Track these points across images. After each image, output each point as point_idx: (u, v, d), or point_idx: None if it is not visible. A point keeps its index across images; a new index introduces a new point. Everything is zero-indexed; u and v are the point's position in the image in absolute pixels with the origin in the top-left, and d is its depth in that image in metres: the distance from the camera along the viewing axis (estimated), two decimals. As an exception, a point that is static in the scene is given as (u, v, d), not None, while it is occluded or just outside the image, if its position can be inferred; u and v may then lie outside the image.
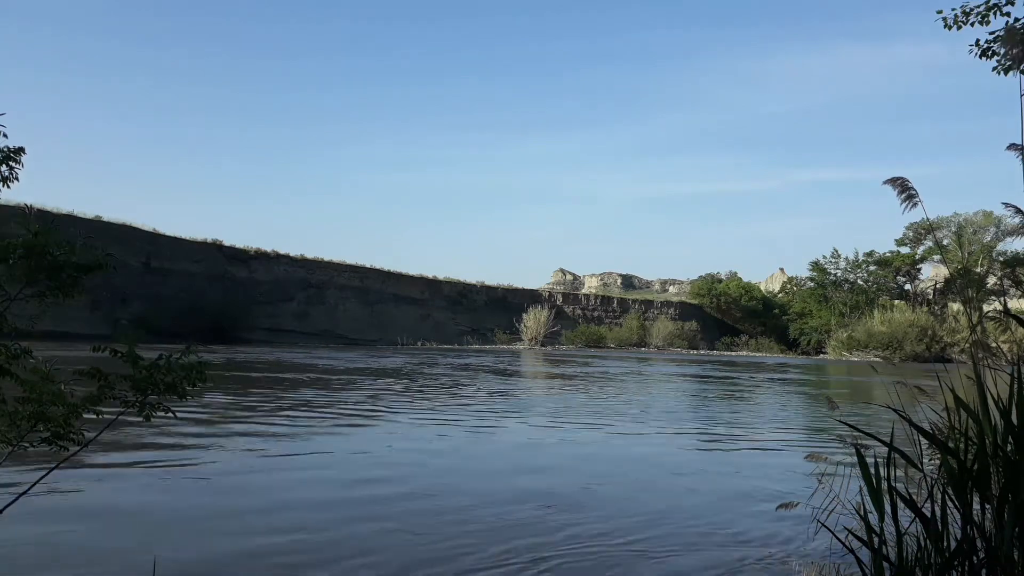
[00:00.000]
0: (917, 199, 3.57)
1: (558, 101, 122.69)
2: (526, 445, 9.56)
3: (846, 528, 3.32)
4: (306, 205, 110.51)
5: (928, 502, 3.10)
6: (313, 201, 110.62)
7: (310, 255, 54.45)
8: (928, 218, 4.87)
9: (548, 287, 75.45)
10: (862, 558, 3.14)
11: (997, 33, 6.87)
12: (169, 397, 2.93)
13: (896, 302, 63.76)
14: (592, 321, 69.08)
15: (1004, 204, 3.80)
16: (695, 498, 6.62)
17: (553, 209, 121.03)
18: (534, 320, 60.54)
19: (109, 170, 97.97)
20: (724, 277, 79.20)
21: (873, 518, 3.16)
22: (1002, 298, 55.50)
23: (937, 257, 61.42)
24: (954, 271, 46.92)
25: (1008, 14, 7.04)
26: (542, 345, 59.19)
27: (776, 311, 75.11)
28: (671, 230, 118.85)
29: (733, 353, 62.61)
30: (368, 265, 58.14)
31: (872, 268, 68.65)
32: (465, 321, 61.58)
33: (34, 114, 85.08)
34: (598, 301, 72.14)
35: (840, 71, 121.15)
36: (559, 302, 69.01)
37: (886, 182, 3.63)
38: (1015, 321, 3.36)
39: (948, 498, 3.07)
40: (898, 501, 3.14)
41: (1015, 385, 2.98)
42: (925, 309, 61.10)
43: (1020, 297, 50.06)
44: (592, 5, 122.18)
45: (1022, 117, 3.42)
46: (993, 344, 4.53)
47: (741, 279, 79.02)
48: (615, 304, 72.24)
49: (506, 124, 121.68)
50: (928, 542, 3.05)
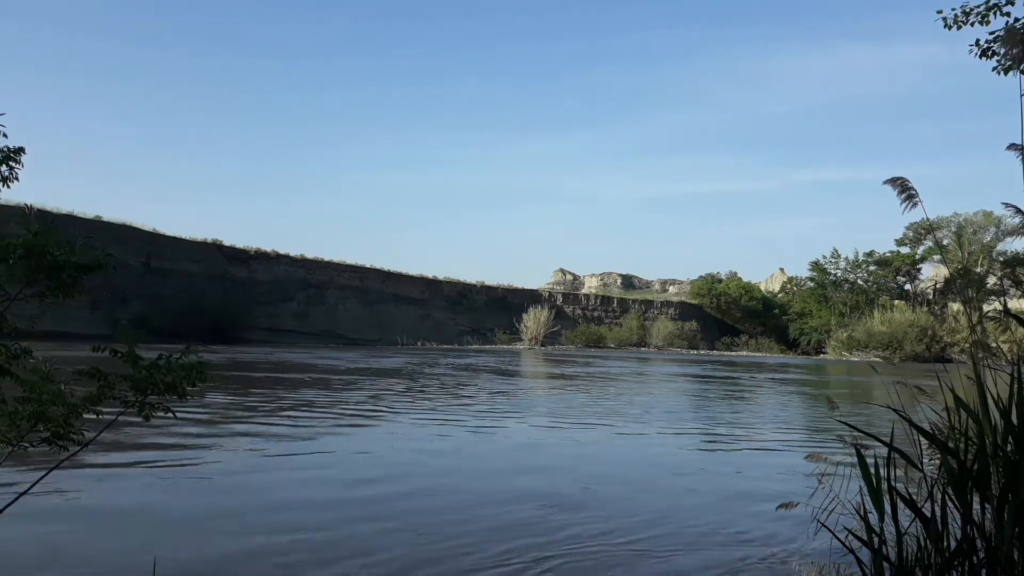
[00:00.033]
0: (917, 199, 3.57)
1: (558, 101, 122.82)
2: (527, 445, 9.57)
3: (846, 528, 3.31)
4: (306, 205, 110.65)
5: (928, 502, 3.10)
6: (313, 201, 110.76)
7: (310, 255, 54.53)
8: (928, 218, 4.86)
9: (548, 287, 75.44)
10: (862, 558, 3.14)
11: (997, 33, 6.86)
12: (169, 397, 2.93)
13: (896, 302, 63.75)
14: (592, 321, 69.08)
15: (1004, 204, 3.80)
16: (696, 498, 6.63)
17: (553, 209, 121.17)
18: (534, 320, 60.54)
19: (109, 170, 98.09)
20: (724, 277, 79.18)
21: (873, 518, 3.16)
22: (1002, 298, 55.48)
23: (937, 257, 61.43)
24: (954, 271, 46.91)
25: (1008, 14, 7.04)
26: (542, 345, 59.19)
27: (776, 311, 75.10)
28: (671, 230, 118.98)
29: (733, 353, 62.61)
30: (368, 265, 58.21)
31: (872, 268, 68.64)
32: (465, 321, 61.58)
33: (34, 114, 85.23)
34: (598, 301, 72.14)
35: (840, 71, 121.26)
36: (559, 302, 69.01)
37: (886, 182, 3.62)
38: (1015, 321, 3.36)
39: (948, 498, 3.07)
40: (898, 501, 3.14)
41: (1015, 385, 2.98)
42: (925, 309, 61.09)
43: (1020, 297, 49.99)
44: (592, 5, 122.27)
45: (1022, 117, 3.42)
46: (993, 344, 4.53)
47: (741, 279, 79.01)
48: (615, 304, 72.23)
49: (506, 124, 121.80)
50: (928, 542, 3.04)
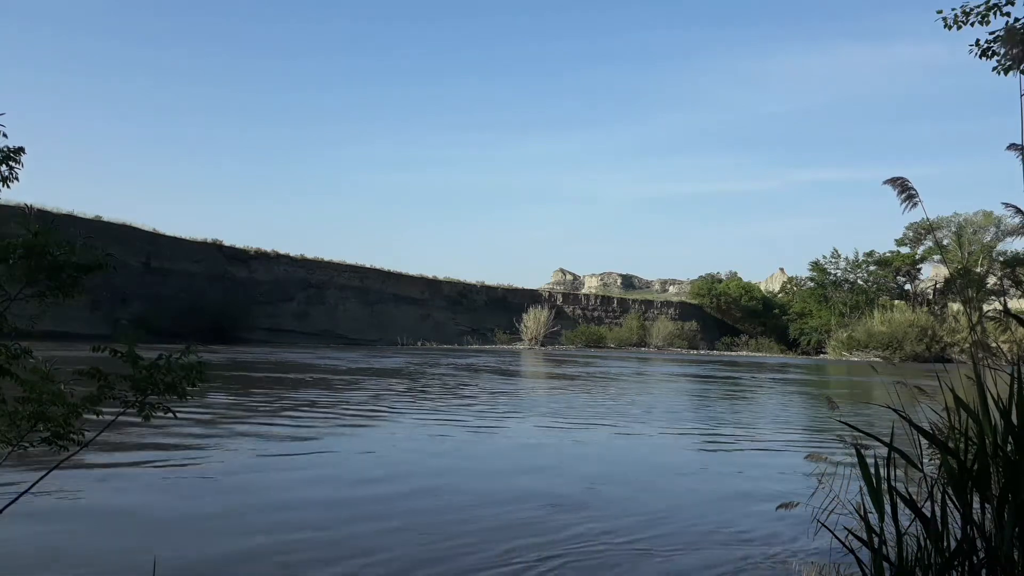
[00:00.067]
0: (917, 199, 3.57)
1: (558, 101, 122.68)
2: (528, 445, 9.56)
3: (846, 528, 3.32)
4: (306, 205, 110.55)
5: (928, 502, 3.10)
6: (313, 201, 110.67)
7: (310, 255, 54.50)
8: (928, 218, 4.86)
9: (548, 287, 75.42)
10: (862, 558, 3.14)
11: (997, 33, 6.86)
12: (169, 397, 2.93)
13: (896, 302, 63.73)
14: (592, 321, 69.06)
15: (1004, 204, 3.79)
16: (697, 498, 6.63)
17: (553, 209, 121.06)
18: (534, 320, 60.53)
19: (109, 170, 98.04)
20: (724, 277, 79.16)
21: (873, 518, 3.16)
22: (1002, 298, 55.45)
23: (937, 257, 61.40)
24: (954, 271, 46.89)
25: (1008, 14, 7.04)
26: (542, 345, 59.18)
27: (776, 311, 75.08)
28: (671, 230, 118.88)
29: (733, 353, 62.60)
30: (368, 265, 58.18)
31: (872, 268, 68.62)
32: (465, 321, 61.57)
33: (34, 114, 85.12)
34: (598, 301, 72.12)
35: (840, 71, 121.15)
36: (559, 302, 69.00)
37: (886, 182, 3.62)
38: (1015, 321, 3.36)
39: (948, 498, 3.07)
40: (898, 501, 3.14)
41: (1015, 385, 2.98)
42: (925, 309, 61.07)
43: (1020, 297, 49.99)
44: (592, 5, 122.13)
45: (1022, 117, 3.42)
46: (993, 344, 4.53)
47: (741, 279, 78.98)
48: (615, 304, 72.22)
49: (506, 124, 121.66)
50: (928, 542, 3.04)
